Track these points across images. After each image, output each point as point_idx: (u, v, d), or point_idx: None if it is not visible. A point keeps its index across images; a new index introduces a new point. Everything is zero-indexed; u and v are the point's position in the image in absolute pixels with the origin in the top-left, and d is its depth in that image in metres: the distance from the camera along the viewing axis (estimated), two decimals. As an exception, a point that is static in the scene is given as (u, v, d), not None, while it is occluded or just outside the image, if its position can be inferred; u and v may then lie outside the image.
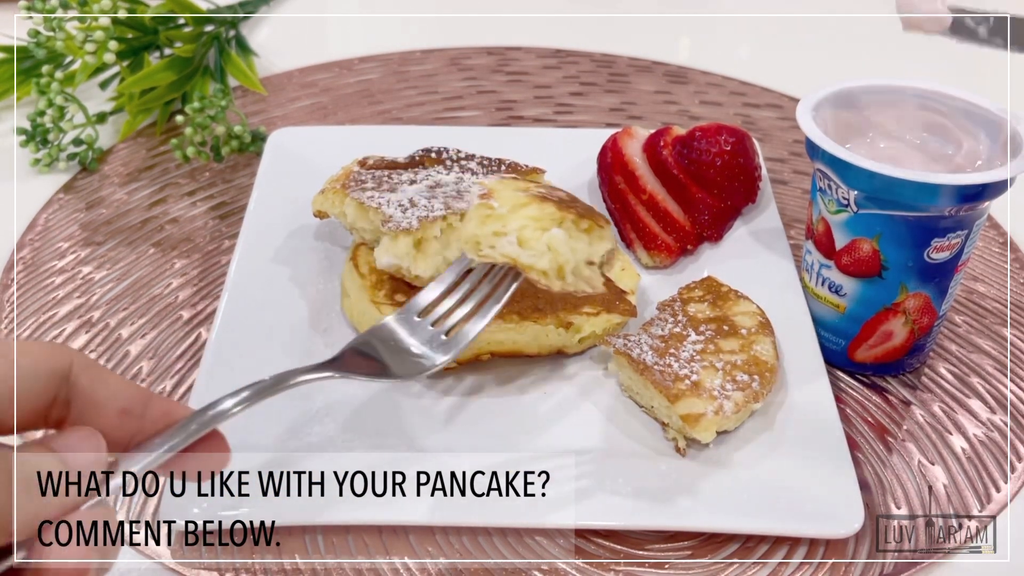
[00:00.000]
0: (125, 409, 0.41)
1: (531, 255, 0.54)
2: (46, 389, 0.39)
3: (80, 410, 0.41)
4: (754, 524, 0.55)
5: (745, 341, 0.62)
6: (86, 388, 0.40)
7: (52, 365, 0.40)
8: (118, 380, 0.42)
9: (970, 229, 0.60)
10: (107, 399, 0.41)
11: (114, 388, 0.41)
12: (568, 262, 0.56)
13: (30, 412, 0.39)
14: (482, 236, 0.55)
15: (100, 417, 0.41)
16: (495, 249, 0.55)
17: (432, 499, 0.55)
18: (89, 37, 0.86)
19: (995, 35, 0.55)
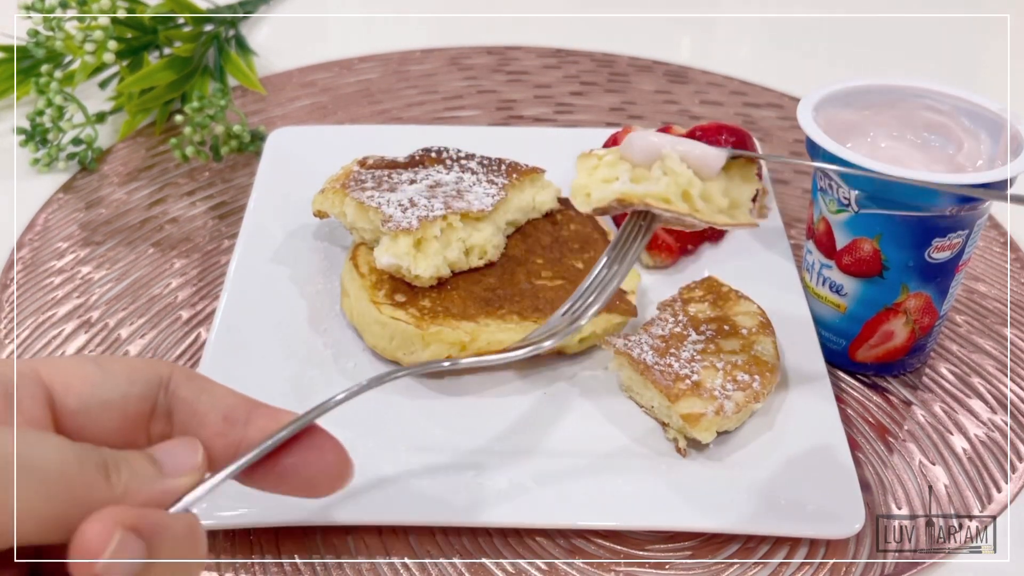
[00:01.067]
0: (228, 417, 0.40)
1: (645, 185, 0.50)
2: (143, 400, 0.39)
3: (183, 421, 0.40)
4: (755, 525, 0.55)
5: (746, 341, 0.62)
6: (188, 398, 0.40)
7: (148, 375, 0.39)
8: (221, 389, 0.41)
9: (971, 229, 0.60)
10: (209, 408, 0.40)
11: (217, 397, 0.41)
12: (692, 183, 0.52)
13: (128, 423, 0.38)
14: (591, 185, 0.52)
15: (203, 427, 0.40)
16: (606, 192, 0.51)
17: (432, 499, 0.55)
18: (88, 37, 0.86)
19: None
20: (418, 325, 0.62)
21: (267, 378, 0.62)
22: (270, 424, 0.41)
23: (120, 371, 0.39)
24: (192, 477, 0.37)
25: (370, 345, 0.65)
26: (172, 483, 0.37)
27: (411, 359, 0.63)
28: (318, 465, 0.41)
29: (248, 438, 0.40)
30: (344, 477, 0.41)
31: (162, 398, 0.39)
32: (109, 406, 0.38)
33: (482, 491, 0.55)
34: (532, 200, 0.73)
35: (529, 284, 0.67)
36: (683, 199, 0.52)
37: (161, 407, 0.39)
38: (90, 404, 0.38)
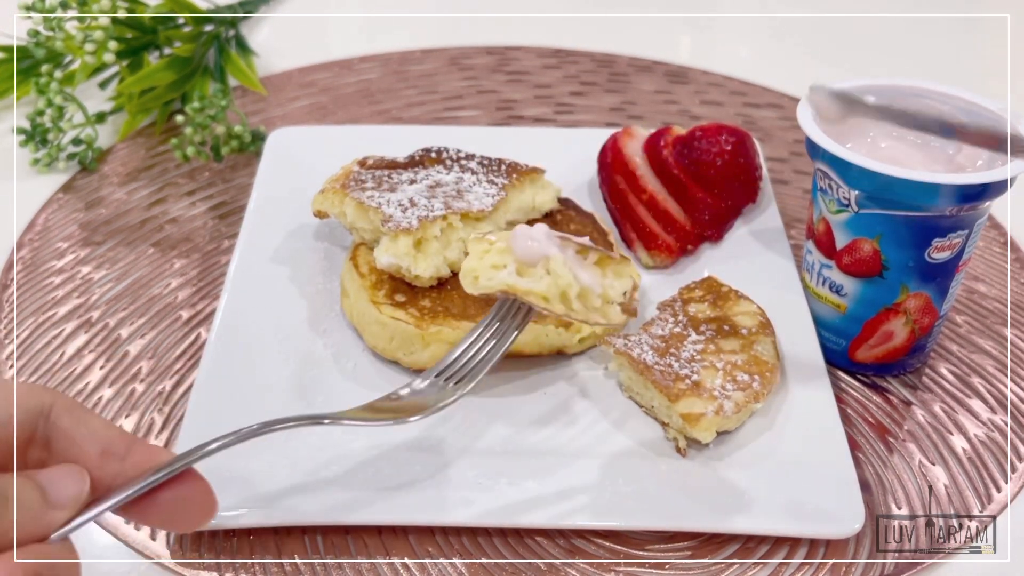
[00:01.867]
0: (106, 451, 0.41)
1: (528, 281, 0.54)
2: (21, 426, 0.39)
3: (61, 451, 0.41)
4: (754, 524, 0.55)
5: (745, 341, 0.62)
6: (67, 428, 0.41)
7: (29, 403, 0.40)
8: (101, 422, 0.42)
9: (971, 229, 0.60)
10: (88, 439, 0.41)
11: (95, 429, 0.41)
12: (571, 286, 0.54)
13: (4, 449, 0.39)
14: (480, 269, 0.55)
15: (81, 458, 0.41)
16: (492, 281, 0.54)
17: (431, 499, 0.55)
18: (89, 37, 0.86)
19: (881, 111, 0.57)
20: (418, 325, 0.62)
21: (267, 378, 0.62)
22: (146, 461, 0.42)
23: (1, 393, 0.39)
24: (72, 509, 0.39)
25: (370, 345, 0.65)
26: (58, 515, 0.38)
27: (411, 359, 0.63)
28: (188, 503, 0.43)
29: (124, 473, 0.41)
30: (209, 515, 0.44)
31: (41, 426, 0.40)
32: None
33: (482, 491, 0.56)
34: (532, 200, 0.73)
35: None
36: (560, 299, 0.54)
37: (40, 435, 0.40)
38: None
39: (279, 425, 0.48)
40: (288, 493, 0.55)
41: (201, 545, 0.54)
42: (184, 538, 0.55)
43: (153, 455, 0.43)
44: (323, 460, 0.57)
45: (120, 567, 0.54)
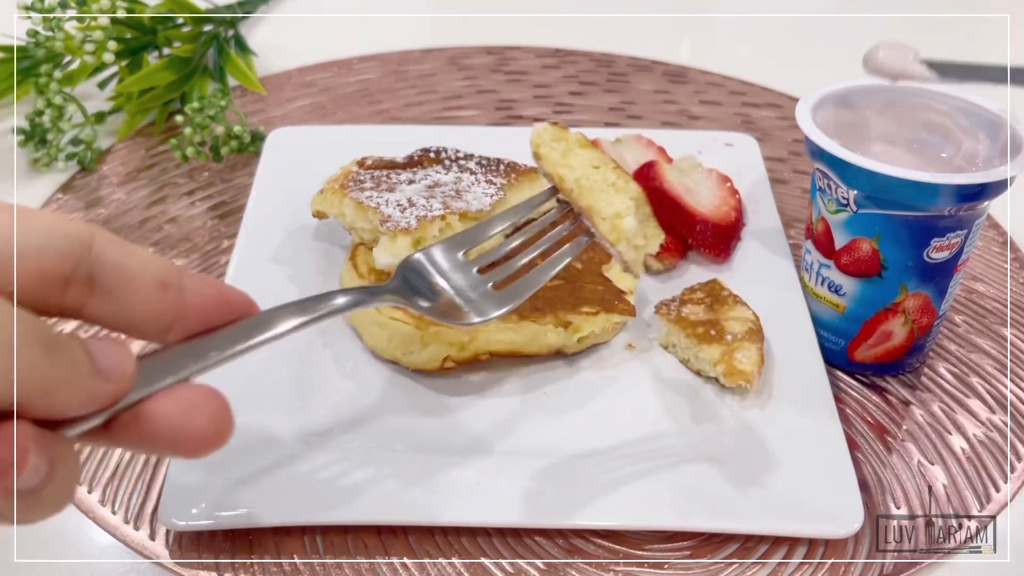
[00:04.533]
0: (163, 281, 0.36)
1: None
2: (63, 257, 0.33)
3: (109, 286, 0.35)
4: (754, 524, 0.55)
5: (727, 349, 0.62)
6: (116, 259, 0.35)
7: (70, 231, 0.34)
8: (147, 252, 0.37)
9: (970, 229, 0.60)
10: (141, 270, 0.35)
11: (145, 259, 0.36)
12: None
13: (41, 284, 0.33)
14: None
15: (134, 292, 0.35)
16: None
17: (431, 499, 0.55)
18: (88, 37, 0.86)
19: None
20: (417, 325, 0.62)
21: (265, 378, 0.62)
22: (206, 288, 0.37)
23: (38, 222, 0.33)
24: (121, 386, 0.33)
25: (369, 346, 0.65)
26: (103, 386, 0.33)
27: (410, 359, 0.63)
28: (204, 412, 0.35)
29: (186, 304, 0.36)
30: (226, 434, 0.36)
31: (85, 258, 0.34)
32: (24, 259, 0.33)
33: (481, 491, 0.56)
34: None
35: None
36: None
37: (82, 270, 0.34)
38: (1, 254, 0.32)
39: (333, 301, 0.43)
40: (287, 493, 0.55)
41: (200, 545, 0.54)
42: (183, 538, 0.55)
43: (210, 283, 0.37)
44: (322, 460, 0.57)
45: (119, 567, 0.54)
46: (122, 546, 0.55)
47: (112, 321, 0.36)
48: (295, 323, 0.39)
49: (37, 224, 0.33)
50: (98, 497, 0.57)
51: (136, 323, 0.36)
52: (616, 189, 0.54)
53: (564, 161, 0.56)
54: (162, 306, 0.36)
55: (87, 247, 0.34)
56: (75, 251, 0.34)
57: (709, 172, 0.77)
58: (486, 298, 0.51)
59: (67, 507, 0.33)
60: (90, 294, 0.34)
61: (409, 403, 0.62)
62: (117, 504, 0.57)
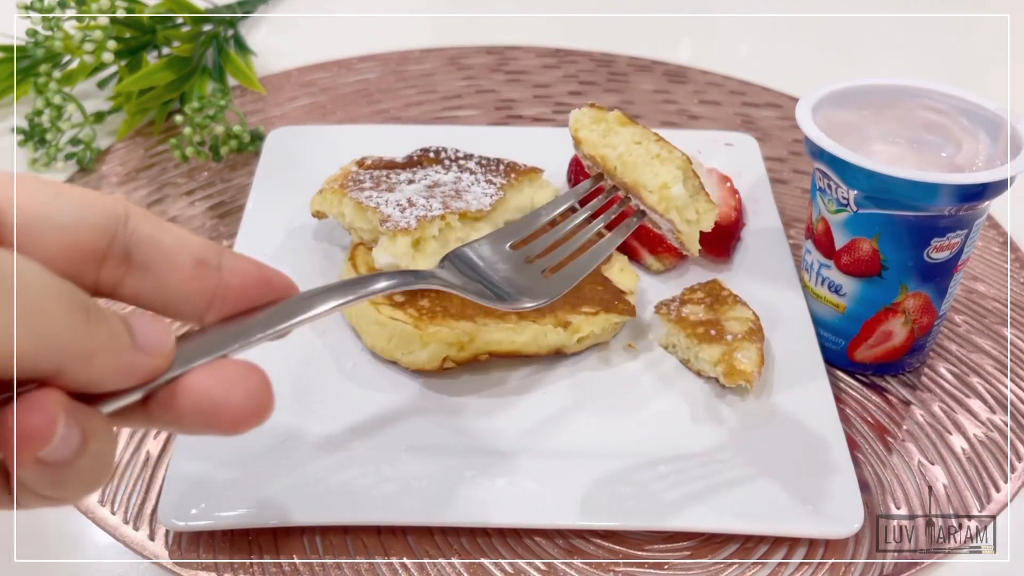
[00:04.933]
0: (201, 259, 0.35)
1: None
2: (98, 232, 0.33)
3: (146, 263, 0.34)
4: (754, 524, 0.55)
5: (727, 349, 0.62)
6: (152, 235, 0.34)
7: (106, 206, 0.33)
8: (184, 231, 0.35)
9: (970, 229, 0.60)
10: (178, 247, 0.34)
11: (182, 235, 0.35)
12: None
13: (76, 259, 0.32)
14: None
15: (173, 270, 0.34)
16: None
17: (430, 499, 0.55)
18: (87, 36, 0.86)
19: None
20: (417, 325, 0.62)
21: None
22: (246, 267, 0.36)
23: (75, 195, 0.33)
24: (159, 361, 0.32)
25: (369, 346, 0.65)
26: (141, 360, 0.32)
27: (410, 359, 0.63)
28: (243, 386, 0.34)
29: (224, 283, 0.35)
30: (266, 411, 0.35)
31: (121, 234, 0.33)
32: (59, 232, 0.32)
33: (481, 491, 0.55)
34: (531, 200, 0.73)
35: None
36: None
37: (118, 245, 0.33)
38: (37, 226, 0.32)
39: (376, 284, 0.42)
40: (287, 493, 0.55)
41: (199, 545, 0.54)
42: (182, 538, 0.55)
43: (250, 261, 0.36)
44: (322, 460, 0.57)
45: (118, 567, 0.54)
46: (121, 546, 0.55)
47: (149, 300, 0.35)
48: (337, 302, 0.38)
49: (71, 197, 0.33)
50: (97, 497, 0.57)
51: (174, 302, 0.35)
52: (661, 160, 0.53)
53: (605, 141, 0.55)
54: (200, 284, 0.35)
55: (123, 222, 0.33)
56: (110, 225, 0.33)
57: (709, 172, 0.77)
58: (536, 283, 0.50)
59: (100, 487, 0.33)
60: (126, 271, 0.34)
61: (409, 403, 0.62)
62: (117, 504, 0.57)
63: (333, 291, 0.39)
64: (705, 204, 0.55)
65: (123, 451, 0.60)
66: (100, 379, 0.31)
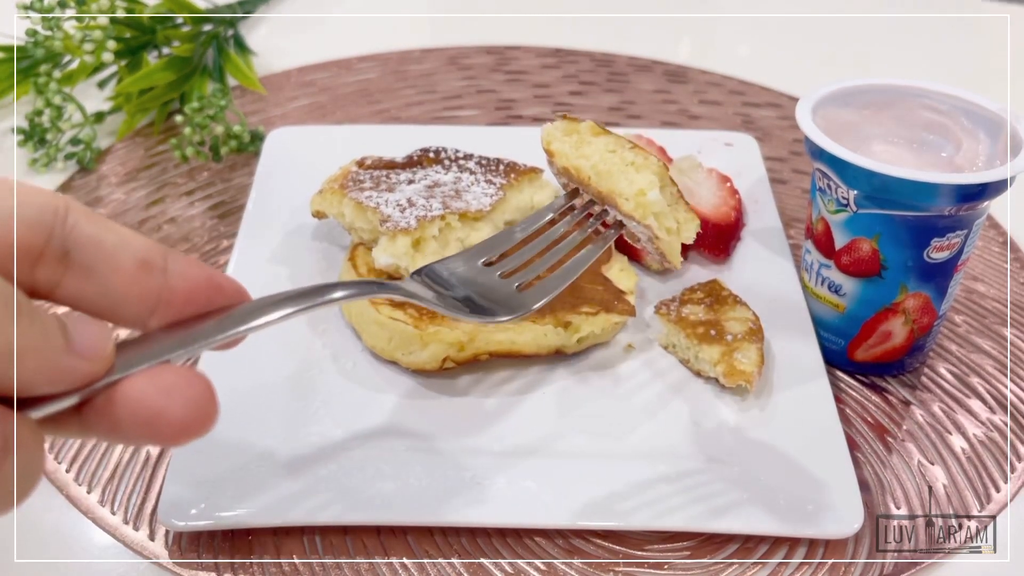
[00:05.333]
0: (145, 261, 0.33)
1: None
2: (34, 228, 0.31)
3: (86, 264, 0.32)
4: (754, 524, 0.55)
5: (727, 349, 0.62)
6: (93, 234, 0.32)
7: (42, 201, 0.31)
8: (127, 230, 0.33)
9: (970, 229, 0.60)
10: (120, 247, 0.32)
11: (125, 236, 0.33)
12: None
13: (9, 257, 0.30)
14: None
15: (114, 272, 0.32)
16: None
17: (430, 499, 0.55)
18: (87, 36, 0.86)
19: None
20: (416, 325, 0.62)
21: (265, 378, 0.62)
22: (194, 271, 0.34)
23: (8, 189, 0.31)
24: (96, 366, 0.30)
25: (368, 346, 0.65)
26: (76, 363, 0.30)
27: (410, 359, 0.63)
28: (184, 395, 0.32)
29: (171, 287, 0.33)
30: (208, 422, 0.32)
31: (59, 231, 0.31)
32: None
33: (481, 491, 0.55)
34: (530, 200, 0.73)
35: None
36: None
37: (55, 244, 0.31)
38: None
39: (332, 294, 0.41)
40: (287, 493, 0.55)
41: (199, 545, 0.54)
42: (182, 538, 0.55)
43: (196, 264, 0.34)
44: (322, 460, 0.57)
45: (118, 567, 0.54)
46: (121, 546, 0.55)
47: (89, 303, 0.33)
48: (290, 310, 0.36)
49: (5, 190, 0.31)
50: (97, 497, 0.57)
51: (115, 306, 0.33)
52: (636, 168, 0.52)
53: (578, 152, 0.54)
54: (144, 287, 0.33)
55: (61, 219, 0.31)
56: (47, 221, 0.31)
57: (709, 172, 0.77)
58: (511, 297, 0.49)
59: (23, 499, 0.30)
60: (64, 272, 0.32)
61: (409, 403, 0.62)
62: (116, 504, 0.57)
63: (287, 299, 0.37)
64: (685, 214, 0.54)
65: (123, 451, 0.60)
66: (28, 382, 0.29)
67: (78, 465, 0.59)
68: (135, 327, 0.34)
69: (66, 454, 0.60)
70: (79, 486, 0.58)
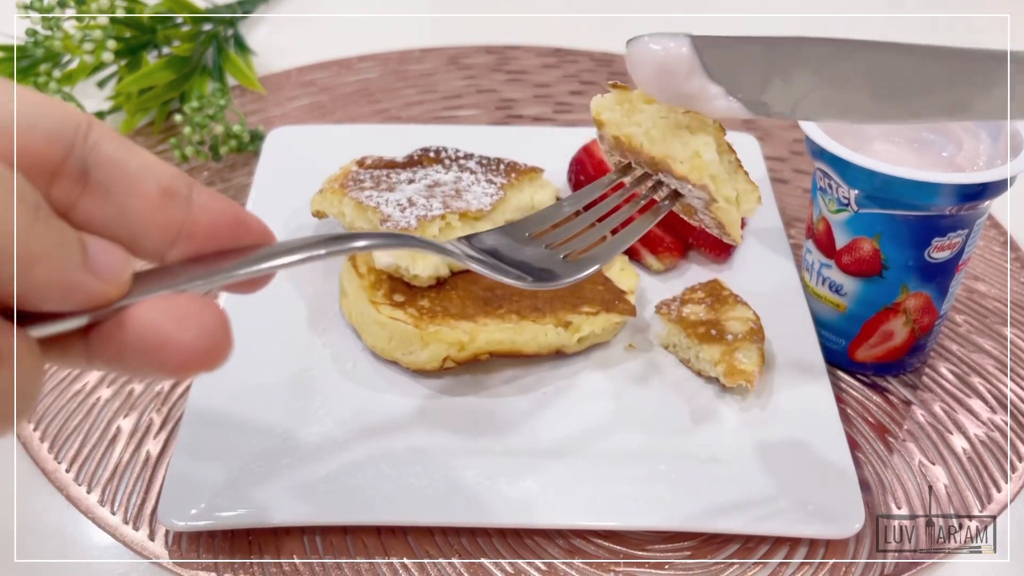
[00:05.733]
0: (168, 188, 0.31)
1: None
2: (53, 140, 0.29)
3: (106, 185, 0.30)
4: (754, 525, 0.55)
5: (727, 348, 0.62)
6: (115, 154, 0.30)
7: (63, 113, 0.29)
8: (153, 156, 0.31)
9: (971, 228, 0.60)
10: (144, 172, 0.30)
11: (149, 161, 0.31)
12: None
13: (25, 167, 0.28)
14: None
15: (135, 196, 0.30)
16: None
17: (431, 499, 0.55)
18: (87, 36, 0.86)
19: None
20: (417, 325, 0.62)
21: (265, 378, 0.62)
22: (220, 204, 0.32)
23: (27, 97, 0.29)
24: (112, 288, 0.29)
25: (369, 345, 0.65)
26: (91, 282, 0.28)
27: (410, 359, 0.63)
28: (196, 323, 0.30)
29: (194, 219, 0.31)
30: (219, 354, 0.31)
31: (79, 148, 0.29)
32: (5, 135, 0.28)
33: (481, 491, 0.55)
34: (531, 199, 0.73)
35: None
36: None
37: (75, 161, 0.29)
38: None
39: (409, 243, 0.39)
40: (287, 493, 0.55)
41: (199, 545, 0.54)
42: (182, 538, 0.55)
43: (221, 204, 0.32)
44: (322, 460, 0.57)
45: (118, 567, 0.54)
46: (121, 546, 0.55)
47: (105, 229, 0.30)
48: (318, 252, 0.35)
49: (26, 99, 0.29)
50: (97, 497, 0.57)
51: (134, 234, 0.31)
52: (691, 130, 0.49)
53: (630, 120, 0.51)
54: (166, 216, 0.31)
55: (83, 135, 0.30)
56: (67, 135, 0.29)
57: None
58: (558, 266, 0.46)
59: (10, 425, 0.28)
60: (82, 192, 0.30)
61: (409, 403, 0.62)
62: (116, 504, 0.57)
63: (316, 242, 0.35)
64: (745, 184, 0.50)
65: (123, 451, 0.60)
66: (39, 293, 0.27)
67: (78, 465, 0.59)
68: (153, 258, 0.32)
69: (66, 454, 0.59)
70: (79, 486, 0.58)
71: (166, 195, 0.31)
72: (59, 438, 0.60)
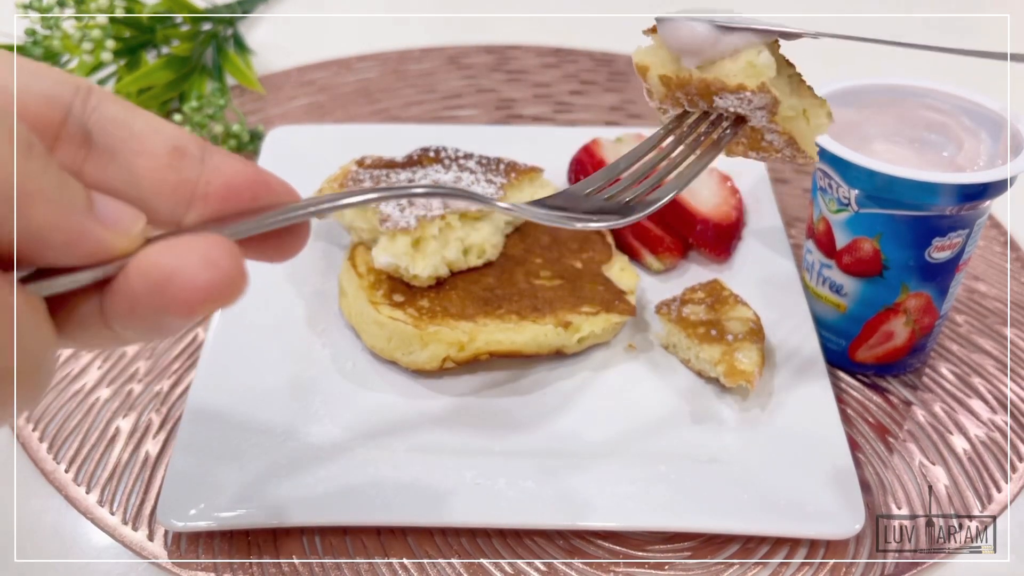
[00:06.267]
0: (178, 147, 0.29)
1: None
2: (51, 103, 0.28)
3: (112, 147, 0.29)
4: (755, 525, 0.54)
5: (727, 349, 0.62)
6: (118, 117, 0.29)
7: (61, 76, 0.28)
8: (160, 119, 0.30)
9: (971, 228, 0.60)
10: (150, 131, 0.29)
11: (155, 122, 0.30)
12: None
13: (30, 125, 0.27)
14: None
15: (142, 156, 0.29)
16: None
17: (431, 499, 0.55)
18: (86, 36, 0.86)
19: None
20: (416, 325, 0.62)
21: (264, 378, 0.62)
22: (236, 164, 0.31)
23: (25, 63, 0.28)
24: (120, 239, 0.27)
25: (368, 345, 0.65)
26: (96, 230, 0.27)
27: (409, 359, 0.63)
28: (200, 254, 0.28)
29: (208, 180, 0.30)
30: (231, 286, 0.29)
31: (79, 110, 0.28)
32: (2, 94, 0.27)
33: (481, 491, 0.55)
34: (530, 199, 0.73)
35: (528, 284, 0.67)
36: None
37: (75, 123, 0.28)
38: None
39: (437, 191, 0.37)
40: (286, 494, 0.55)
41: (199, 546, 0.54)
42: (182, 539, 0.54)
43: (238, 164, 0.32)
44: (322, 460, 0.57)
45: (117, 567, 0.54)
46: (120, 547, 0.55)
47: (116, 192, 0.29)
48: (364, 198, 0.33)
49: (24, 66, 0.28)
50: (96, 497, 0.57)
51: (145, 197, 0.29)
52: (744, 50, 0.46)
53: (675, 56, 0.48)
54: (177, 176, 0.29)
55: (82, 97, 0.28)
56: (65, 97, 0.28)
57: (709, 171, 0.77)
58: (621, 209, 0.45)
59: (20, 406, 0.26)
60: (87, 156, 0.28)
61: (409, 403, 0.62)
62: (116, 504, 0.57)
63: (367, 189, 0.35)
64: (812, 99, 0.46)
65: (122, 451, 0.60)
66: (39, 236, 0.25)
67: (77, 465, 0.59)
68: (169, 223, 0.30)
69: (65, 454, 0.59)
70: (78, 486, 0.58)
71: (175, 155, 0.29)
72: (58, 438, 0.60)
